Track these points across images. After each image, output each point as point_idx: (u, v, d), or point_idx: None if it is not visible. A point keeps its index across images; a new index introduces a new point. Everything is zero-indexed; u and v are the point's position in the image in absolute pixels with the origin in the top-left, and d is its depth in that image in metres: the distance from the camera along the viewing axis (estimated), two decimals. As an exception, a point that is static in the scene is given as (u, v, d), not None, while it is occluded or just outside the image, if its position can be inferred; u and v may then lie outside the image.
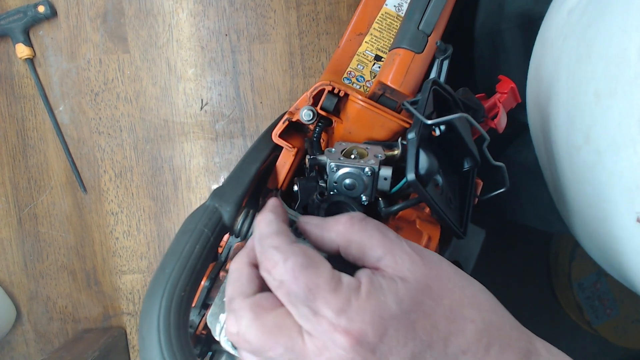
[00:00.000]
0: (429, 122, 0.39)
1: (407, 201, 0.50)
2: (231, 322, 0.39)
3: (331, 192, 0.51)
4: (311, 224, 0.42)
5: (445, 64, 0.49)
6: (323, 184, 0.51)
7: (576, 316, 1.20)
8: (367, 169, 0.49)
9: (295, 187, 0.51)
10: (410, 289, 0.36)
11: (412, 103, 0.41)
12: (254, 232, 0.41)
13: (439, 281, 0.38)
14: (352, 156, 0.51)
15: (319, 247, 0.41)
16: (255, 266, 0.40)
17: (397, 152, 0.52)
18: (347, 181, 0.49)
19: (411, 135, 0.38)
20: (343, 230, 0.40)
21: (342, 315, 0.34)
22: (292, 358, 0.36)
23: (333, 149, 0.51)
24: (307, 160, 0.51)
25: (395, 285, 0.36)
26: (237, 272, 0.41)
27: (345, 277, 0.36)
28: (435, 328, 0.36)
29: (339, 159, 0.50)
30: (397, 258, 0.37)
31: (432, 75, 0.50)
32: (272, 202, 0.43)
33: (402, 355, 0.35)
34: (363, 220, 0.40)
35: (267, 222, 0.40)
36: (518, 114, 0.64)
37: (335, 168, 0.49)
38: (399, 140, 0.53)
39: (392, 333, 0.35)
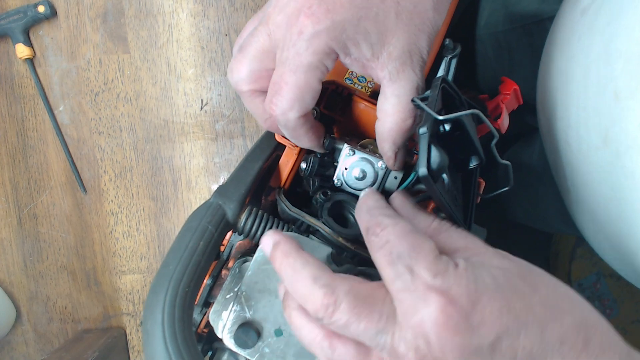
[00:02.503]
0: (440, 117, 0.39)
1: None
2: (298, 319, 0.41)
3: (334, 181, 0.51)
4: (406, 208, 0.44)
5: (454, 62, 0.49)
6: (331, 170, 0.52)
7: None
8: (382, 162, 0.50)
9: (304, 164, 0.52)
10: (504, 273, 0.37)
11: (422, 99, 0.41)
12: (359, 209, 0.44)
13: (533, 275, 0.38)
14: (367, 150, 0.51)
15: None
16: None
17: (408, 160, 0.53)
18: (359, 169, 0.50)
19: (423, 130, 0.38)
20: (436, 225, 0.42)
21: (439, 277, 0.35)
22: (381, 327, 0.37)
23: (349, 139, 0.52)
24: (324, 140, 0.52)
25: (490, 268, 0.37)
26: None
27: (445, 256, 0.37)
28: (531, 310, 0.35)
29: (357, 147, 0.50)
30: (484, 258, 0.38)
31: (440, 73, 0.50)
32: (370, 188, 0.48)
33: (495, 328, 0.34)
34: (451, 223, 0.42)
35: (375, 198, 0.44)
36: (521, 115, 0.64)
37: (351, 152, 0.50)
38: (412, 149, 0.54)
39: (486, 302, 0.34)
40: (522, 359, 0.35)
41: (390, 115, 0.44)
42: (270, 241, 0.42)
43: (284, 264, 0.40)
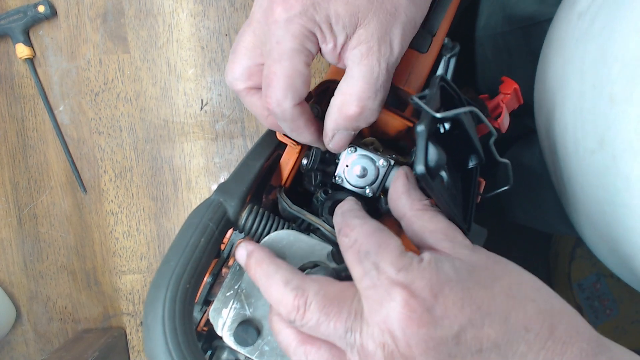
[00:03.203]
0: (439, 115, 0.39)
1: None
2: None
3: (335, 178, 0.51)
4: (400, 188, 0.44)
5: (452, 61, 0.49)
6: (332, 168, 0.52)
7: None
8: (383, 160, 0.50)
9: (304, 160, 0.52)
10: (467, 265, 0.38)
11: (420, 97, 0.41)
12: (335, 214, 0.45)
13: (497, 264, 0.39)
14: (369, 148, 0.51)
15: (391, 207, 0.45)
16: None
17: (409, 160, 0.53)
18: (360, 167, 0.50)
19: (420, 128, 0.38)
20: (417, 206, 0.42)
21: (402, 271, 0.36)
22: (349, 325, 0.37)
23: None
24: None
25: (453, 261, 0.37)
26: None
27: (410, 252, 0.38)
28: (494, 300, 0.36)
29: (358, 145, 0.50)
30: (456, 244, 0.39)
31: (439, 72, 0.50)
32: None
33: (458, 319, 0.35)
34: (437, 210, 0.42)
35: (349, 204, 0.45)
36: (521, 116, 0.64)
37: (353, 150, 0.50)
38: (414, 149, 0.54)
39: (448, 293, 0.35)
40: (488, 349, 0.35)
41: (340, 95, 0.45)
42: (244, 251, 0.44)
43: (258, 271, 0.42)
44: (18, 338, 0.85)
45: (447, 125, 0.45)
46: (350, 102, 0.44)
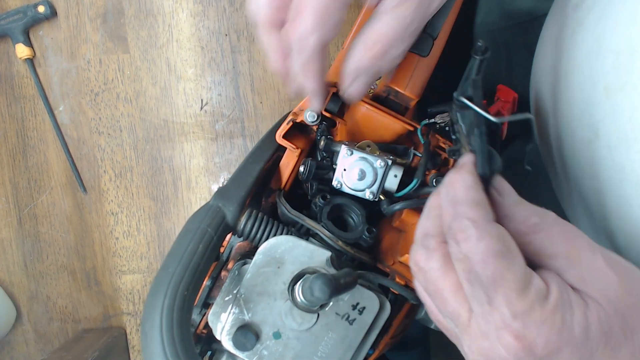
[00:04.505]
0: (495, 119, 0.37)
1: (409, 201, 0.51)
2: (421, 256, 0.37)
3: (334, 184, 0.51)
4: (509, 198, 0.37)
5: (484, 64, 0.48)
6: (330, 174, 0.52)
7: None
8: (380, 161, 0.50)
9: (302, 168, 0.51)
10: (600, 316, 0.32)
11: (468, 99, 0.40)
12: (445, 188, 0.36)
13: (635, 311, 0.33)
14: (365, 150, 0.51)
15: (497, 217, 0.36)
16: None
17: (406, 161, 0.53)
18: (358, 169, 0.50)
19: (480, 130, 0.36)
20: (535, 220, 0.36)
21: (519, 319, 0.32)
22: (452, 325, 0.36)
23: (347, 142, 0.52)
24: (321, 142, 0.51)
25: (585, 308, 0.32)
26: (436, 210, 0.38)
27: (536, 279, 0.33)
28: None
29: (354, 148, 0.50)
30: (586, 273, 0.34)
31: (472, 74, 0.49)
32: (470, 160, 0.37)
33: None
34: (557, 218, 0.36)
35: (465, 185, 0.35)
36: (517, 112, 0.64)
37: (349, 152, 0.50)
38: (411, 149, 0.54)
39: (565, 356, 0.32)
40: None
41: (369, 32, 0.42)
42: None
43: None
44: (18, 338, 0.86)
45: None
46: (378, 41, 0.42)
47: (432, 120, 0.52)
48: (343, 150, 0.50)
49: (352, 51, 0.44)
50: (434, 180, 0.54)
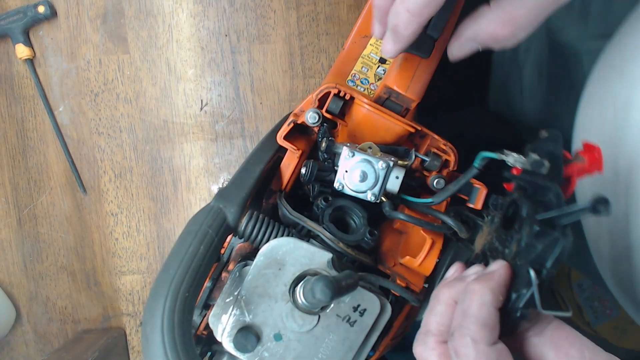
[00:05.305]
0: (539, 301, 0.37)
1: (412, 218, 0.51)
2: (422, 351, 0.41)
3: (336, 185, 0.51)
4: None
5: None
6: (331, 176, 0.52)
7: (576, 317, 1.20)
8: (382, 162, 0.49)
9: (304, 170, 0.51)
10: None
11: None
12: (463, 295, 0.38)
13: None
14: (367, 152, 0.51)
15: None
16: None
17: (408, 162, 0.53)
18: (360, 171, 0.50)
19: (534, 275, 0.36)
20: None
21: None
22: None
23: (348, 144, 0.52)
24: (322, 144, 0.51)
25: None
26: (442, 306, 0.41)
27: None
28: None
29: (356, 150, 0.50)
30: None
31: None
32: (502, 274, 0.38)
33: None
34: (572, 330, 0.38)
35: (481, 302, 0.37)
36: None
37: (351, 154, 0.50)
38: (412, 151, 0.54)
39: None
40: None
41: (500, 11, 0.41)
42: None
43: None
44: (18, 338, 0.86)
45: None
46: (509, 24, 0.41)
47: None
48: (345, 151, 0.50)
49: (474, 22, 0.43)
50: (435, 182, 0.54)
